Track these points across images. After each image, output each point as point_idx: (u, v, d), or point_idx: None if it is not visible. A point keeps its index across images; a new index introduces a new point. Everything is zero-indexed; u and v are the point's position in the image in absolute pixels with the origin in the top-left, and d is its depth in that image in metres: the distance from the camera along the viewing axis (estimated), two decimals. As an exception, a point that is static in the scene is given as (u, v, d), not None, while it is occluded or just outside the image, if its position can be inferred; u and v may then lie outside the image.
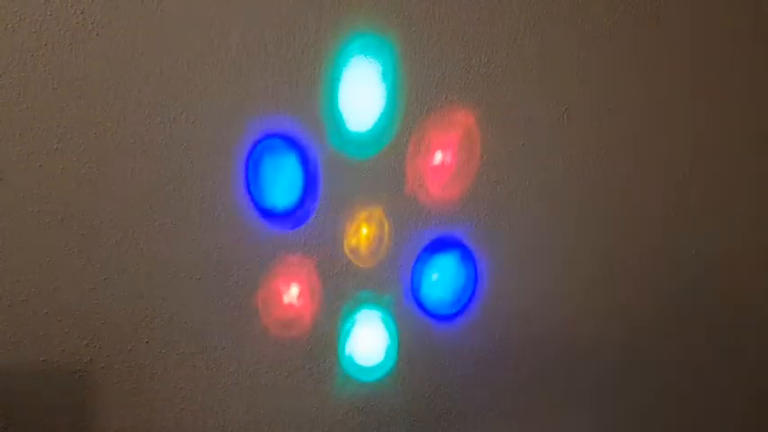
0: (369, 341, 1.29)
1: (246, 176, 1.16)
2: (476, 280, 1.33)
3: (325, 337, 1.25)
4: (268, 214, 1.19)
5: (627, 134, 1.34)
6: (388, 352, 1.30)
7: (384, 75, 1.19)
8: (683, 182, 1.40)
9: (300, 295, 1.23)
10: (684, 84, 1.35)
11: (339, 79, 1.17)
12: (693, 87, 1.36)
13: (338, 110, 1.18)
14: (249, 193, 1.17)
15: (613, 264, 1.39)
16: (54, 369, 1.10)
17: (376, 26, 1.17)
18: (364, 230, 1.24)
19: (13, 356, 1.08)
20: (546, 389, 1.41)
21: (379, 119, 1.21)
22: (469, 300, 1.34)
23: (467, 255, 1.32)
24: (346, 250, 1.24)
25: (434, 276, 1.31)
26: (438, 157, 1.25)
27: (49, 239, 1.08)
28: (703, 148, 1.39)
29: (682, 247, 1.42)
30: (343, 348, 1.27)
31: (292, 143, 1.18)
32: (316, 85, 1.16)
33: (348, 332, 1.27)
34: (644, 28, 1.30)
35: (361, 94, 1.19)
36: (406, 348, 1.30)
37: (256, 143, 1.16)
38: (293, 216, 1.21)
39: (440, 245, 1.30)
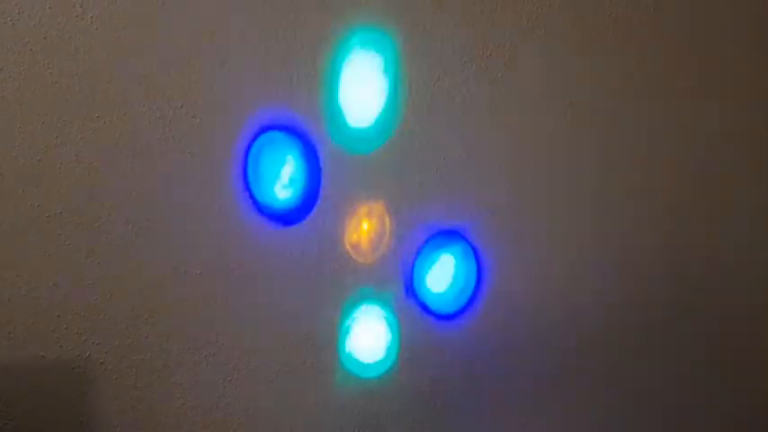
0: (369, 338, 1.28)
1: (246, 171, 1.15)
2: (479, 276, 1.32)
3: (325, 333, 1.25)
4: (268, 209, 1.18)
5: (633, 130, 1.34)
6: (388, 349, 1.29)
7: (385, 69, 1.19)
8: (690, 178, 1.39)
9: (301, 291, 1.22)
10: (690, 79, 1.35)
11: (340, 73, 1.16)
12: (698, 84, 1.36)
13: (339, 104, 1.17)
14: (249, 187, 1.16)
15: (621, 260, 1.38)
16: (53, 365, 1.10)
17: (377, 20, 1.17)
18: (365, 226, 1.24)
19: (11, 352, 1.08)
20: (550, 387, 1.40)
21: (381, 113, 1.20)
22: (472, 296, 1.33)
23: (470, 250, 1.31)
24: (347, 246, 1.23)
25: (435, 273, 1.30)
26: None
27: (48, 234, 1.08)
28: (709, 145, 1.39)
29: (689, 244, 1.42)
30: (344, 345, 1.27)
31: (292, 138, 1.18)
32: (316, 79, 1.15)
33: (349, 329, 1.26)
34: (647, 26, 1.30)
35: (362, 88, 1.18)
36: (407, 346, 1.30)
37: (256, 138, 1.15)
38: (293, 211, 1.20)
39: (443, 240, 1.29)
